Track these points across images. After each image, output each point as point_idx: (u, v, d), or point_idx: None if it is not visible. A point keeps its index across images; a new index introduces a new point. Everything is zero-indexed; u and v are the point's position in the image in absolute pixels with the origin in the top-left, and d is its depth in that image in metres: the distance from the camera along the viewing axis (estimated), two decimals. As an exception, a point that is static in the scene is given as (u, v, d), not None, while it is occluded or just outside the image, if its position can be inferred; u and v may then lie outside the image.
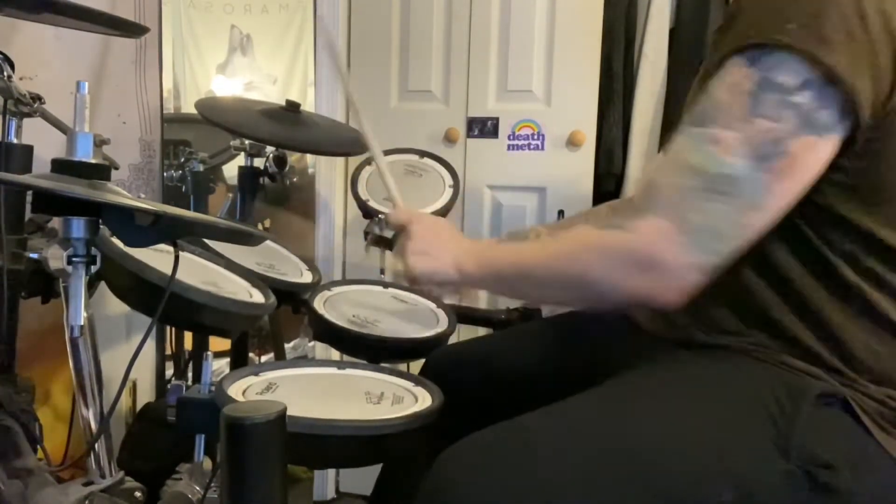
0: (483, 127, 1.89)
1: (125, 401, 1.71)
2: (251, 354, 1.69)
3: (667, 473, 0.68)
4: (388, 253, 1.51)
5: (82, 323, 0.84)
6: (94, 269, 0.83)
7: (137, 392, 1.77)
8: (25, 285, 1.05)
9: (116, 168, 1.60)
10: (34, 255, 1.01)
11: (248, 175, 1.61)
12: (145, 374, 1.82)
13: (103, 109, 1.69)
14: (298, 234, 2.03)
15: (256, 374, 0.96)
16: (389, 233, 1.44)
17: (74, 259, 0.81)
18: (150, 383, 1.83)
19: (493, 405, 0.90)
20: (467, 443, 0.73)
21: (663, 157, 0.76)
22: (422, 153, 1.66)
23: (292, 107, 1.57)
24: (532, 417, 0.74)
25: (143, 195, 1.76)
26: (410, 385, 0.98)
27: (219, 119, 1.45)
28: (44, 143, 1.17)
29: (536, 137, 1.85)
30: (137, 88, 1.78)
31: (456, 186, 1.59)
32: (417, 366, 1.13)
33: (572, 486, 0.68)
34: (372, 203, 1.51)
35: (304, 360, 1.80)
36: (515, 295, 0.83)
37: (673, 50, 1.79)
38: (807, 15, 0.68)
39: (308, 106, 1.93)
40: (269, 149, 1.59)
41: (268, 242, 1.48)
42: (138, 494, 0.90)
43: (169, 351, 1.83)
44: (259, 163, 1.61)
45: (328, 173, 2.02)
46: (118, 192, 0.83)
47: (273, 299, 1.15)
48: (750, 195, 0.69)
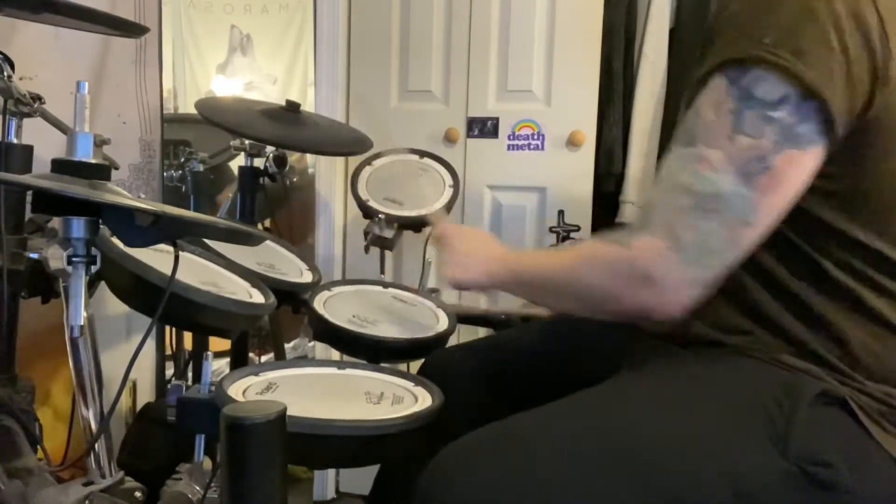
0: (483, 127, 1.89)
1: (125, 401, 1.71)
2: (251, 354, 1.69)
3: (666, 473, 0.68)
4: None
5: (82, 323, 0.84)
6: (94, 269, 0.83)
7: (137, 392, 1.77)
8: (25, 285, 1.05)
9: (116, 168, 1.60)
10: (34, 255, 1.02)
11: (248, 175, 1.61)
12: (145, 374, 1.82)
13: (103, 109, 1.69)
14: (298, 234, 2.03)
15: (256, 374, 0.96)
16: (389, 233, 1.45)
17: (74, 259, 0.81)
18: (150, 383, 1.83)
19: (493, 405, 0.91)
20: (465, 441, 0.73)
21: (658, 177, 0.78)
22: (422, 153, 1.67)
23: (292, 107, 1.57)
24: (530, 416, 0.74)
25: (143, 195, 1.76)
26: (410, 385, 0.98)
27: (219, 119, 1.45)
28: (44, 143, 1.17)
29: (536, 137, 1.85)
30: (137, 88, 1.78)
31: (456, 186, 1.59)
32: (417, 366, 1.13)
33: (571, 486, 0.68)
34: (372, 203, 1.51)
35: (304, 360, 1.80)
36: (540, 302, 0.88)
37: (673, 50, 1.79)
38: (783, 29, 0.68)
39: (308, 106, 1.92)
40: (269, 149, 1.59)
41: (268, 242, 1.48)
42: (138, 494, 0.90)
43: (169, 351, 1.83)
44: (259, 163, 1.61)
45: (328, 173, 2.02)
46: (118, 192, 0.83)
47: (273, 299, 1.15)
48: (739, 211, 0.70)
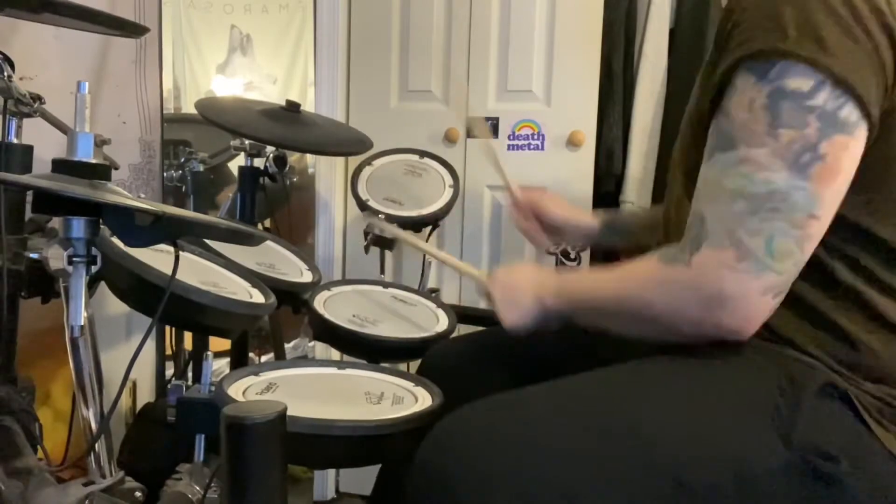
0: (483, 127, 1.89)
1: (125, 401, 1.71)
2: (251, 354, 1.69)
3: (669, 451, 0.67)
4: (387, 254, 1.52)
5: (82, 323, 0.84)
6: (94, 269, 0.83)
7: (137, 392, 1.77)
8: (25, 285, 1.05)
9: (116, 168, 1.60)
10: (34, 255, 1.02)
11: (248, 175, 1.61)
12: (145, 374, 1.81)
13: (103, 109, 1.69)
14: (298, 234, 2.03)
15: (256, 374, 0.96)
16: (389, 233, 1.45)
17: (74, 259, 0.81)
18: (150, 383, 1.83)
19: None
20: (468, 410, 0.73)
21: (700, 190, 0.74)
22: (422, 153, 1.67)
23: (292, 107, 1.57)
24: (534, 390, 0.74)
25: (143, 195, 1.76)
26: (410, 385, 0.98)
27: (219, 119, 1.45)
28: (44, 143, 1.17)
29: (536, 137, 1.85)
30: (137, 88, 1.77)
31: (456, 186, 1.59)
32: (417, 365, 1.13)
33: (573, 458, 0.67)
34: (372, 203, 1.51)
35: (304, 360, 1.80)
36: (598, 327, 0.83)
37: (673, 50, 1.80)
38: (800, 18, 0.67)
39: (308, 106, 1.92)
40: (269, 149, 1.59)
41: (268, 242, 1.48)
42: (138, 494, 0.90)
43: (169, 351, 1.83)
44: (259, 163, 1.61)
45: (328, 173, 2.01)
46: (118, 192, 0.83)
47: (273, 299, 1.15)
48: (803, 205, 0.67)
